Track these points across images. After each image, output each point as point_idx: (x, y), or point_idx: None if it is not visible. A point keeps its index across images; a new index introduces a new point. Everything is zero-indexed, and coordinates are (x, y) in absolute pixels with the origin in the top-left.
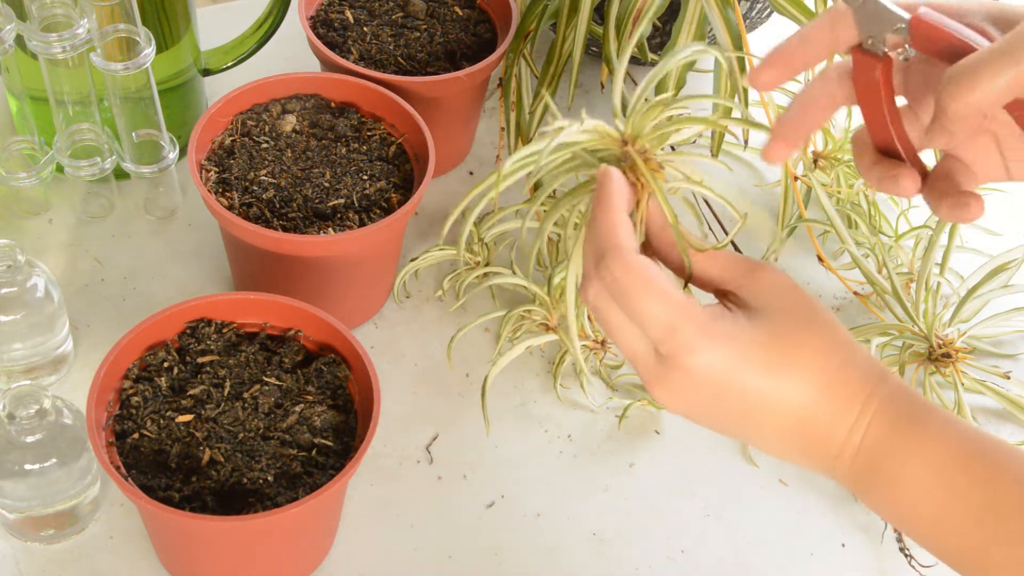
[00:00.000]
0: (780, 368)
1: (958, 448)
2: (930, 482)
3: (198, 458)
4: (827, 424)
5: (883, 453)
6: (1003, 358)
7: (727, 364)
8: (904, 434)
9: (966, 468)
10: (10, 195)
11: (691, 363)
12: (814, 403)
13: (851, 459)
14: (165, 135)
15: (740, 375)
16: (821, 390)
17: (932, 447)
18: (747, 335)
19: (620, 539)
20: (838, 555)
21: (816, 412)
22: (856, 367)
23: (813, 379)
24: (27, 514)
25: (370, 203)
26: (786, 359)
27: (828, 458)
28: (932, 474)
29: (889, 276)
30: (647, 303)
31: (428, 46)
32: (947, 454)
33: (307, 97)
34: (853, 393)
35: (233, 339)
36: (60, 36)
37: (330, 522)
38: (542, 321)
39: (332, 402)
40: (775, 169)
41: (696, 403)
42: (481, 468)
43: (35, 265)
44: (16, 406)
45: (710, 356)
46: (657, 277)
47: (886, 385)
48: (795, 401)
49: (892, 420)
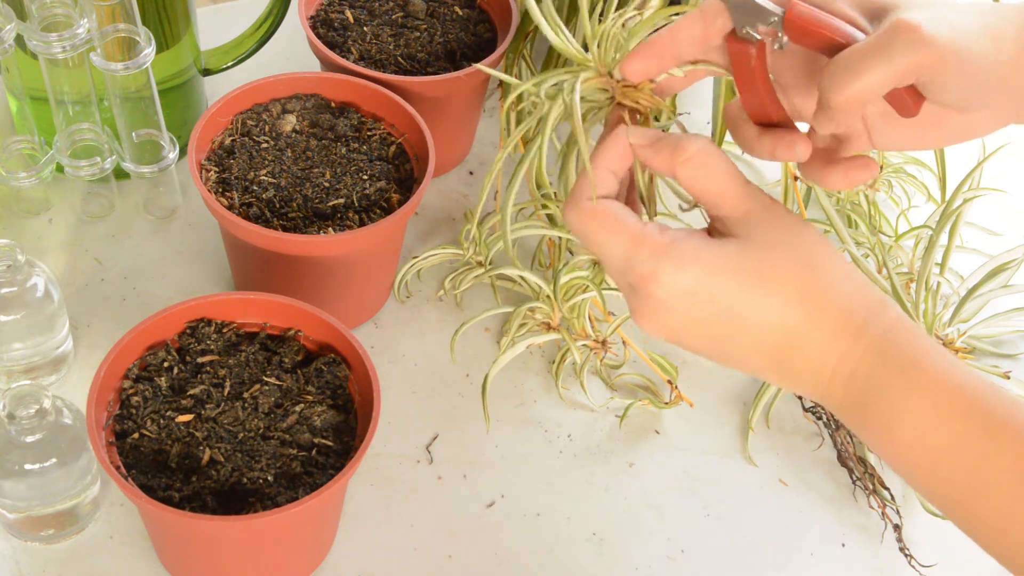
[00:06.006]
0: (753, 287)
1: (960, 393)
2: (928, 425)
3: (198, 458)
4: (813, 349)
5: (878, 389)
6: (1003, 358)
7: (692, 282)
8: (903, 372)
9: (967, 415)
10: (10, 195)
11: (655, 289)
12: (796, 325)
13: (843, 390)
14: (165, 135)
15: (709, 292)
16: (803, 312)
17: (932, 389)
18: (716, 255)
19: (620, 539)
20: (838, 555)
21: (798, 334)
22: (845, 294)
23: (792, 300)
24: (27, 514)
25: (370, 203)
26: (760, 279)
27: (816, 385)
28: (931, 417)
29: (889, 276)
30: (601, 241)
31: (428, 46)
32: (948, 398)
33: (307, 97)
34: (842, 319)
35: (233, 339)
36: (60, 36)
37: (330, 522)
38: (544, 320)
39: (332, 402)
40: (775, 169)
41: (674, 326)
42: (481, 468)
43: (35, 265)
44: (16, 406)
45: (673, 278)
46: (608, 213)
47: (883, 316)
48: (773, 320)
49: (889, 355)
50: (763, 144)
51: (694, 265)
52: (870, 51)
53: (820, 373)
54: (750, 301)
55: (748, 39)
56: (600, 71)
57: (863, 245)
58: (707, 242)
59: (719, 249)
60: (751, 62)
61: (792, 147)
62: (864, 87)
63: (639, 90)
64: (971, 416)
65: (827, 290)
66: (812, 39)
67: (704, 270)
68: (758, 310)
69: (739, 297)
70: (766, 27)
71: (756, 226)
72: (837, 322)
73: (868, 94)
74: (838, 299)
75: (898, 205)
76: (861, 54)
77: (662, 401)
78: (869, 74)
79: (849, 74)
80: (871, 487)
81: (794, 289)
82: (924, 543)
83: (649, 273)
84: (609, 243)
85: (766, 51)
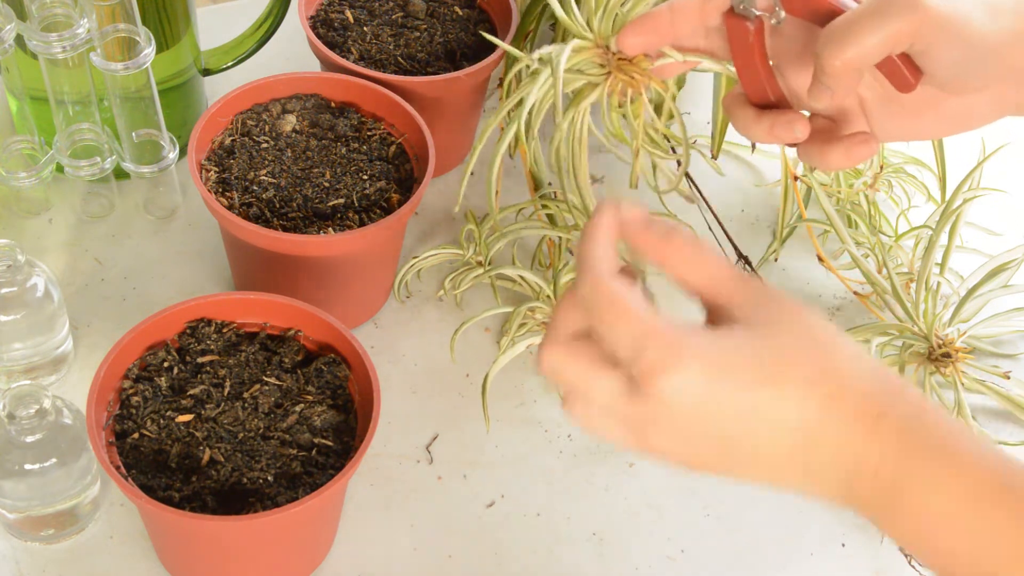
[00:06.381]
0: (769, 383)
1: (991, 479)
2: (964, 517)
3: (198, 458)
4: (832, 445)
5: (906, 481)
6: (1003, 358)
7: (703, 381)
8: (929, 461)
9: (1001, 502)
10: (10, 195)
11: (663, 385)
12: (815, 421)
13: (869, 485)
14: (165, 135)
15: (721, 393)
16: (821, 406)
17: (963, 478)
18: (728, 350)
19: (620, 539)
20: (838, 555)
21: (817, 431)
22: (862, 381)
23: (810, 394)
24: (27, 514)
25: (370, 203)
26: (776, 373)
27: (837, 484)
28: (966, 508)
29: (889, 276)
30: (613, 322)
31: (428, 46)
32: (980, 485)
33: (307, 97)
34: (860, 409)
35: (233, 339)
36: (60, 36)
37: (330, 522)
38: (544, 320)
39: (332, 402)
40: (775, 169)
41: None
42: (481, 468)
43: (35, 265)
44: (16, 406)
45: (684, 376)
46: (625, 297)
47: (902, 403)
48: (791, 419)
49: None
50: (761, 124)
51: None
52: (864, 15)
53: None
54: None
55: (746, 15)
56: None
57: (863, 245)
58: (717, 336)
59: (726, 340)
60: (749, 38)
61: (791, 126)
62: (859, 51)
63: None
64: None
65: (842, 372)
66: (808, 9)
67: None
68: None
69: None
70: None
71: (758, 309)
72: (858, 412)
73: (863, 58)
74: (854, 383)
75: (898, 205)
76: (856, 18)
77: None
78: (864, 37)
79: (844, 38)
80: None
81: (809, 372)
82: None
83: (657, 366)
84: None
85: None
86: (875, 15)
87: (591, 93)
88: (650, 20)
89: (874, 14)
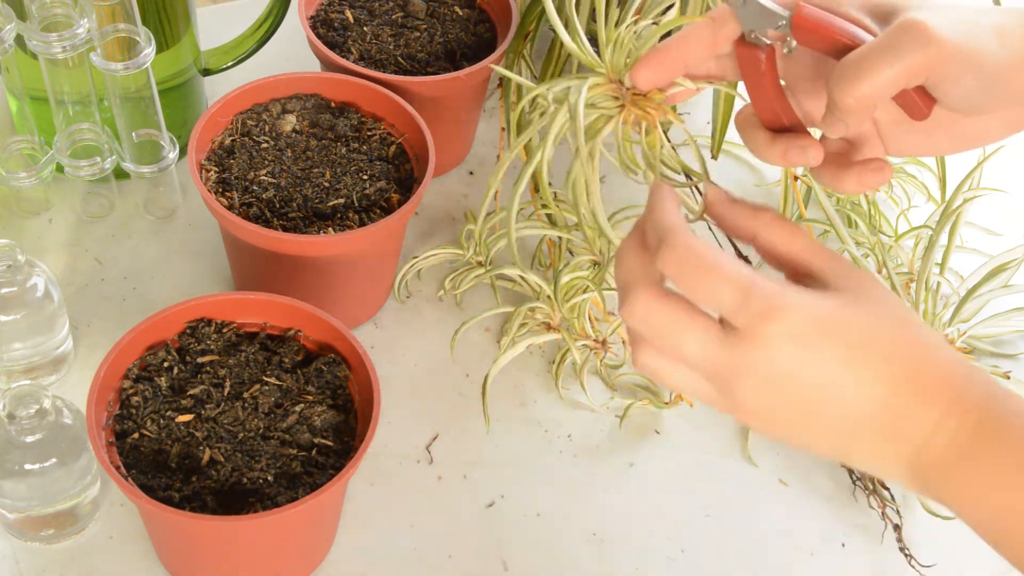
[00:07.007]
0: (860, 351)
1: None
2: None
3: (198, 458)
4: (908, 418)
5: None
6: (1003, 358)
7: (806, 336)
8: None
9: None
10: (10, 195)
11: (770, 331)
12: (894, 394)
13: (937, 459)
14: (165, 135)
15: (816, 352)
16: (901, 381)
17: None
18: (829, 310)
19: (620, 539)
20: (838, 555)
21: (895, 403)
22: (941, 362)
23: (894, 368)
24: (27, 514)
25: (370, 203)
26: (867, 343)
27: (907, 456)
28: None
29: (889, 276)
30: (715, 275)
31: (428, 46)
32: None
33: (307, 97)
34: (938, 388)
35: (233, 339)
36: (60, 36)
37: (330, 522)
38: (544, 320)
39: (332, 402)
40: (775, 169)
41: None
42: (481, 468)
43: (35, 265)
44: (16, 406)
45: (789, 324)
46: (719, 257)
47: (976, 384)
48: (873, 389)
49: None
50: (775, 149)
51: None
52: (878, 51)
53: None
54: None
55: (757, 44)
56: (611, 77)
57: (863, 245)
58: (815, 294)
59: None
60: (761, 66)
61: (804, 151)
62: (873, 87)
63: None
64: None
65: (925, 350)
66: (820, 41)
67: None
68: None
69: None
70: (775, 31)
71: (851, 279)
72: (934, 389)
73: (877, 95)
74: (938, 367)
75: (898, 205)
76: (869, 54)
77: (662, 401)
78: (877, 74)
79: (857, 75)
80: (871, 487)
81: (894, 346)
82: (924, 543)
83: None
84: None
85: (775, 55)
86: (889, 50)
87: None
88: (662, 54)
89: (887, 49)
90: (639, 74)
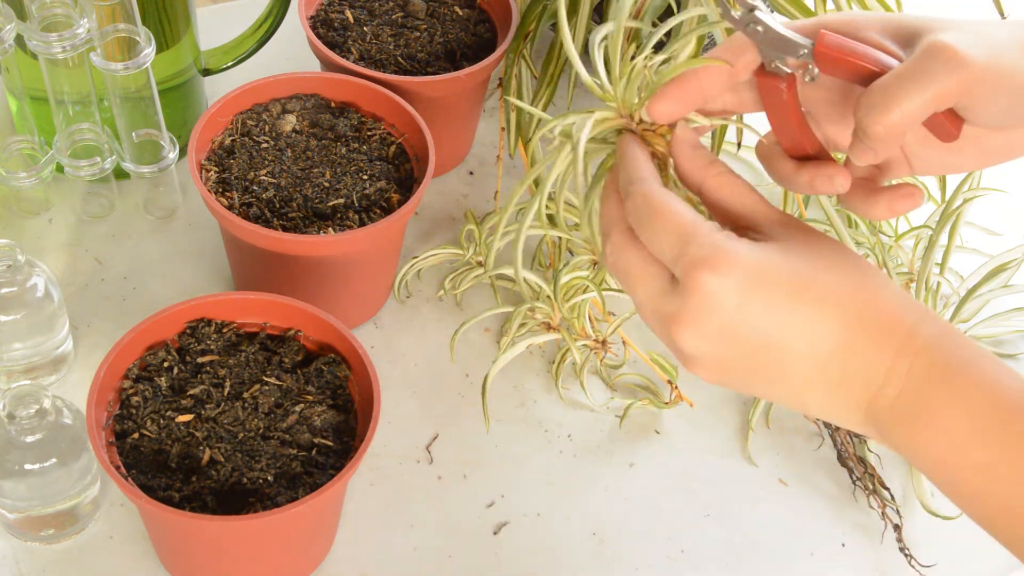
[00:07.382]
0: (803, 299)
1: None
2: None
3: (198, 458)
4: (859, 363)
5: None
6: (1003, 358)
7: (743, 287)
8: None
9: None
10: (10, 195)
11: (708, 283)
12: (843, 339)
13: (890, 405)
14: (165, 135)
15: (757, 302)
16: (849, 325)
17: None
18: (768, 260)
19: (620, 539)
20: (838, 555)
21: (845, 349)
22: (889, 303)
23: (842, 312)
24: (27, 514)
25: (370, 203)
26: (811, 290)
27: (861, 403)
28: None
29: (889, 276)
30: (662, 221)
31: (428, 46)
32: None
33: (307, 97)
34: (887, 330)
35: (233, 339)
36: (60, 36)
37: (330, 522)
38: (544, 320)
39: (332, 402)
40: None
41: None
42: (481, 468)
43: (35, 265)
44: (16, 406)
45: (725, 277)
46: (674, 200)
47: (927, 325)
48: (821, 335)
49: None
50: (801, 178)
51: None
52: (907, 77)
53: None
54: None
55: (778, 73)
56: (621, 112)
57: (863, 245)
58: (757, 245)
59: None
60: (782, 96)
61: (831, 180)
62: (903, 115)
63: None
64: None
65: (873, 294)
66: (844, 69)
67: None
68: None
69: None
70: (796, 59)
71: (796, 232)
72: (885, 332)
73: (908, 122)
74: (887, 309)
75: None
76: (898, 81)
77: (662, 401)
78: (908, 101)
79: (887, 103)
80: (871, 487)
81: (842, 293)
82: (924, 543)
83: (703, 261)
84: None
85: (797, 84)
86: (918, 76)
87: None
88: (680, 86)
89: (917, 75)
90: (657, 107)
